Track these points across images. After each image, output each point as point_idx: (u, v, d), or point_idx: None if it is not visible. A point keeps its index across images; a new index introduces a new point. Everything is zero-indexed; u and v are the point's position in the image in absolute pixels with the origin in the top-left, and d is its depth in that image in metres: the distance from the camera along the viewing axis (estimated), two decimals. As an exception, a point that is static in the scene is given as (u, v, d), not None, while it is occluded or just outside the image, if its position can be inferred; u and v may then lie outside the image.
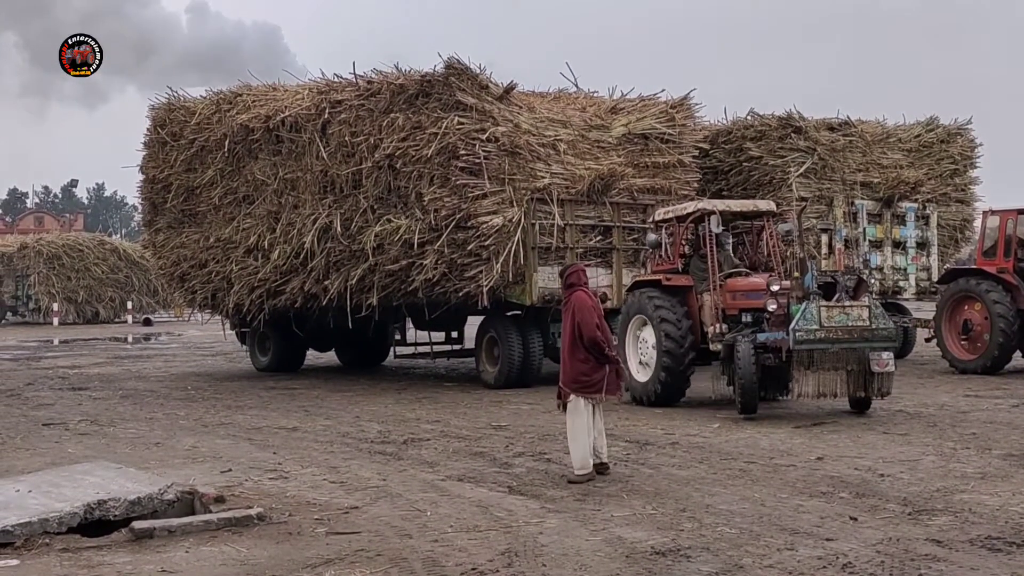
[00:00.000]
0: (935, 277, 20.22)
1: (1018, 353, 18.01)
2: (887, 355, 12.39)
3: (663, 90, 18.78)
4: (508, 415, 13.63)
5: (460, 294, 16.18)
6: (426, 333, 19.74)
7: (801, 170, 19.81)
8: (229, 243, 19.48)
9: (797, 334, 12.16)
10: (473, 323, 18.55)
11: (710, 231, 13.69)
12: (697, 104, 18.90)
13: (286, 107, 18.38)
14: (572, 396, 9.20)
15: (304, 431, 12.64)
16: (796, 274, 12.88)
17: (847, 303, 12.50)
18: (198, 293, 20.79)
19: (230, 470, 9.83)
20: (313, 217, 17.65)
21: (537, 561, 6.49)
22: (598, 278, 16.78)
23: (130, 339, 35.95)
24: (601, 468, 9.20)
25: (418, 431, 12.31)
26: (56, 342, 34.34)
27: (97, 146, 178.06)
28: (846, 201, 20.07)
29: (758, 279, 13.47)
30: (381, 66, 17.29)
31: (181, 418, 14.12)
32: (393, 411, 14.46)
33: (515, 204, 16.06)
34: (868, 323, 12.43)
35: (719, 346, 13.22)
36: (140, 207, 22.90)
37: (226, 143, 19.25)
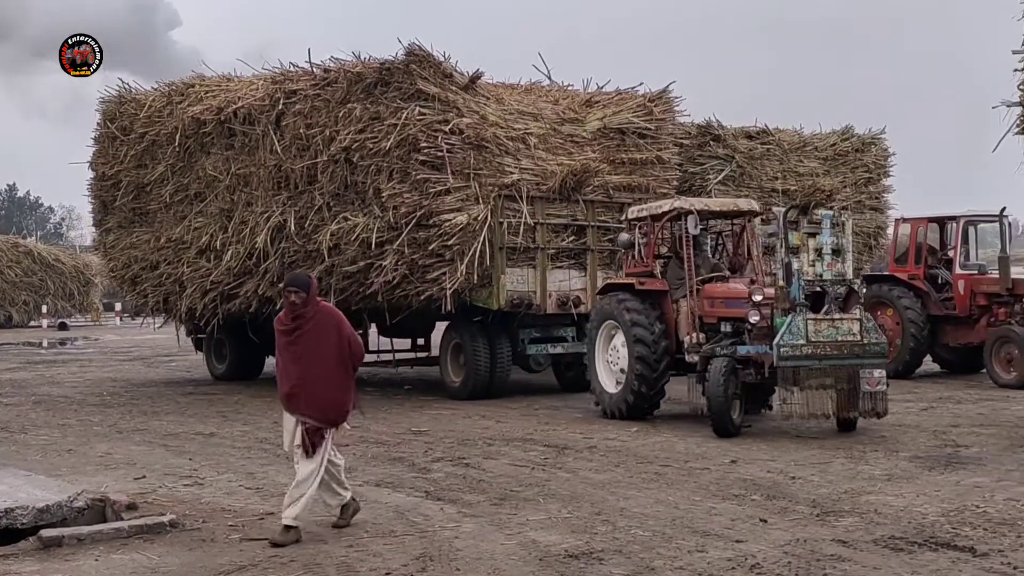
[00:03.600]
0: (850, 283, 20.58)
1: (928, 357, 18.52)
2: (879, 373, 11.43)
3: (641, 83, 17.94)
4: (428, 420, 13.62)
5: (422, 297, 15.20)
6: (393, 340, 18.48)
7: (720, 177, 20.09)
8: (181, 243, 18.62)
9: (782, 349, 11.20)
10: (442, 329, 17.40)
11: (687, 232, 12.89)
12: (677, 97, 17.97)
13: (239, 98, 17.55)
14: (331, 431, 7.66)
15: (221, 437, 12.52)
16: (781, 283, 11.83)
17: (837, 316, 11.50)
18: (150, 296, 19.84)
19: (144, 477, 9.71)
20: (266, 215, 16.82)
21: (451, 565, 6.52)
22: (571, 281, 16.13)
23: (44, 344, 35.20)
24: (348, 512, 7.74)
25: (337, 436, 12.22)
26: (-33, 347, 33.49)
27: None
28: (764, 208, 20.37)
29: (738, 285, 12.72)
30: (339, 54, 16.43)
31: (95, 424, 13.89)
32: (313, 416, 14.32)
33: (481, 201, 15.08)
34: (859, 338, 11.43)
35: (695, 357, 12.39)
36: (90, 206, 21.65)
37: (177, 137, 18.35)
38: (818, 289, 11.72)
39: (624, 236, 14.24)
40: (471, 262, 14.84)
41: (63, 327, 45.55)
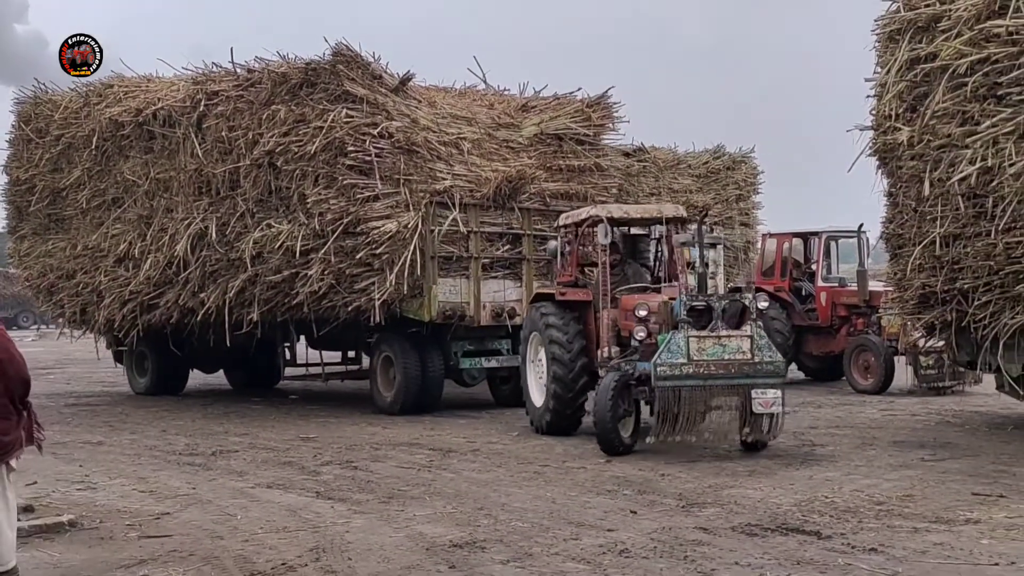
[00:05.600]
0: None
1: (794, 365, 19.54)
2: (773, 393, 10.56)
3: (579, 88, 17.41)
4: (316, 427, 13.97)
5: (350, 308, 14.50)
6: (322, 353, 17.84)
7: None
8: (98, 251, 17.93)
9: (659, 368, 10.45)
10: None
11: (599, 241, 12.32)
12: (616, 103, 17.37)
13: (159, 99, 16.92)
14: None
15: (110, 445, 12.66)
16: (666, 298, 11.35)
17: (724, 332, 10.75)
18: (67, 307, 18.91)
19: (36, 483, 9.80)
20: (187, 222, 16.14)
21: (344, 555, 6.96)
22: (506, 291, 15.47)
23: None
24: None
25: (226, 443, 12.53)
26: None
27: None
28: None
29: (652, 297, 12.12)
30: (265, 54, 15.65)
31: (-22, 434, 13.83)
32: (200, 425, 14.57)
33: (412, 208, 14.35)
34: (750, 356, 10.62)
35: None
36: (5, 212, 20.81)
37: (94, 140, 17.70)
38: (702, 304, 11.03)
39: (552, 244, 13.86)
40: (401, 272, 14.14)
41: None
